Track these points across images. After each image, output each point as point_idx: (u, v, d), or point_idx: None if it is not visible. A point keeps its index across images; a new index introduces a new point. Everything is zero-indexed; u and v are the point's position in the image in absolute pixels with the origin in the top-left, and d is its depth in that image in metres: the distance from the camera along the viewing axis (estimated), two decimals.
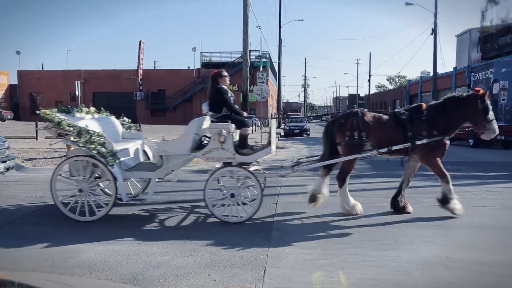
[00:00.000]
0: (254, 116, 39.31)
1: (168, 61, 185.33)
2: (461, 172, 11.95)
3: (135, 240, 5.57)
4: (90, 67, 60.35)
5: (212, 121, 6.79)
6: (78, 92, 19.33)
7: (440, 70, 35.55)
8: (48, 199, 7.84)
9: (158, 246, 5.30)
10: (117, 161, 6.54)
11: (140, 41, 50.95)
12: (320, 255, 5.04)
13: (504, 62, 28.21)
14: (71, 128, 6.55)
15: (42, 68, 56.95)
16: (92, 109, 7.52)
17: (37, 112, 6.86)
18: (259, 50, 49.65)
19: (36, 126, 21.10)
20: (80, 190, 6.52)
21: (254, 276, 4.41)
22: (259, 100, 24.48)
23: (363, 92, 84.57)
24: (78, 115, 7.12)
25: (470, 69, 33.32)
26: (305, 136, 31.96)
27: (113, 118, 7.94)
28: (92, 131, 6.62)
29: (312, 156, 8.11)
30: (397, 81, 77.43)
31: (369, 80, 68.77)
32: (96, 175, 6.70)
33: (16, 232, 5.91)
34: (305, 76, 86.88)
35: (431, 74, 36.22)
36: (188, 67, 53.79)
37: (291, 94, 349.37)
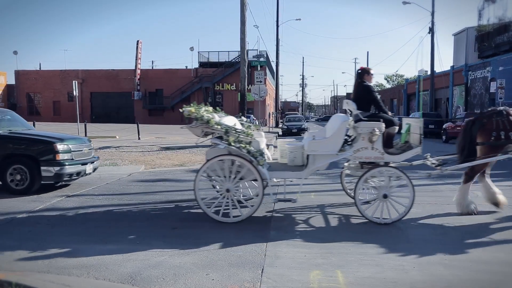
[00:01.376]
0: (252, 115, 39.34)
1: (166, 61, 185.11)
2: (459, 171, 11.94)
3: (133, 240, 5.57)
4: (87, 67, 60.21)
5: (358, 120, 6.54)
6: (75, 92, 19.31)
7: (437, 69, 35.64)
8: (46, 199, 7.84)
9: (156, 246, 5.30)
10: (265, 160, 6.37)
11: (137, 41, 50.93)
12: (318, 254, 5.04)
13: (501, 61, 28.27)
14: (219, 127, 6.37)
15: (40, 68, 56.90)
16: (210, 108, 7.00)
17: (181, 110, 6.60)
18: (257, 50, 49.79)
19: (34, 127, 21.06)
20: (228, 190, 6.34)
21: (252, 275, 4.42)
22: (257, 100, 24.52)
23: None
24: (216, 114, 6.77)
25: (468, 67, 33.36)
26: (302, 135, 31.98)
27: (233, 117, 7.59)
28: (239, 129, 6.48)
29: (448, 155, 7.80)
30: (394, 80, 77.48)
31: None
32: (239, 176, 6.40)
33: (14, 232, 5.90)
34: (302, 75, 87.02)
35: (429, 72, 36.27)
36: (186, 66, 53.81)
37: (289, 93, 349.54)
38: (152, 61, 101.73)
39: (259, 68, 40.86)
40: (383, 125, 6.41)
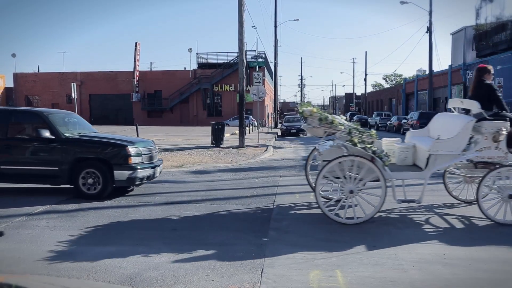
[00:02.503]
0: (251, 116, 39.35)
1: (164, 62, 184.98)
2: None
3: (132, 242, 5.57)
4: (86, 69, 60.12)
5: (481, 119, 6.37)
6: (74, 94, 19.31)
7: (435, 68, 35.74)
8: (45, 201, 7.84)
9: (155, 247, 5.30)
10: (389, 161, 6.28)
11: (136, 43, 50.98)
12: (317, 254, 5.05)
13: (499, 60, 28.33)
14: (342, 127, 6.30)
15: (38, 71, 56.84)
16: (315, 108, 6.73)
17: (300, 110, 6.49)
18: (255, 50, 49.82)
19: None
20: (351, 192, 6.25)
21: (251, 276, 4.42)
22: (256, 100, 24.51)
23: (359, 91, 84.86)
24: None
25: (466, 66, 33.43)
26: (301, 135, 31.99)
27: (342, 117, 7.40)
28: (361, 129, 6.38)
29: None
30: (393, 79, 77.56)
31: (365, 79, 68.92)
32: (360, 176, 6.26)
33: (13, 235, 5.89)
34: (301, 76, 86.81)
35: (427, 72, 36.32)
36: (184, 68, 53.83)
37: (288, 93, 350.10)
38: (151, 63, 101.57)
39: (257, 68, 40.83)
40: (508, 124, 6.30)
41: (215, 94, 50.21)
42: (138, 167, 8.27)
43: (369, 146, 6.20)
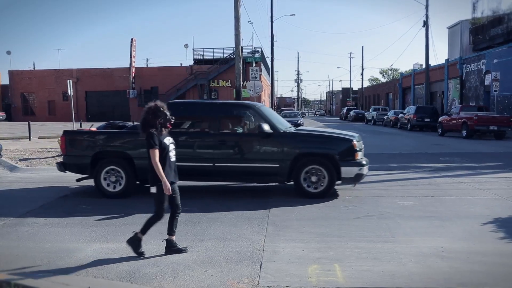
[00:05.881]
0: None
1: (161, 59, 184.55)
2: (455, 163, 12.04)
3: None
4: (82, 66, 59.90)
5: None
6: (70, 91, 19.24)
7: (432, 62, 35.65)
8: (43, 199, 7.81)
9: (154, 244, 5.30)
10: None
11: (131, 39, 50.71)
12: (315, 249, 5.06)
13: (496, 53, 28.33)
14: None
15: (34, 68, 56.59)
16: None
17: None
18: (252, 46, 49.62)
19: (29, 127, 21.00)
20: None
21: (250, 271, 4.43)
22: (252, 96, 24.46)
23: (356, 86, 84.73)
24: None
25: (462, 60, 33.42)
26: None
27: None
28: None
29: None
30: (390, 74, 77.56)
31: (362, 74, 68.85)
32: None
33: (11, 232, 5.88)
34: (298, 71, 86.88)
35: (424, 66, 36.31)
36: (181, 64, 53.68)
37: (285, 89, 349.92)
38: (147, 59, 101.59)
39: (254, 64, 40.72)
40: None
41: (212, 90, 50.09)
42: (364, 163, 7.74)
43: None
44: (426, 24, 33.25)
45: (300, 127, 8.53)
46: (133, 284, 4.16)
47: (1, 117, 46.01)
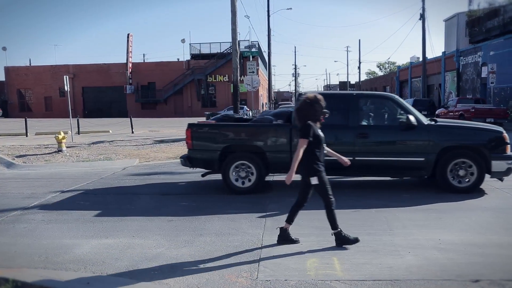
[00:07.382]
0: (245, 106, 39.27)
1: (157, 54, 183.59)
2: None
3: (129, 233, 5.57)
4: (78, 62, 59.62)
5: None
6: (67, 87, 19.12)
7: (429, 55, 35.68)
8: (41, 195, 7.81)
9: (152, 239, 5.31)
10: None
11: (128, 34, 50.53)
12: (314, 242, 5.08)
13: (492, 45, 28.33)
14: None
15: (30, 64, 56.31)
16: None
17: None
18: (249, 40, 49.57)
19: (26, 123, 20.93)
20: None
21: (249, 265, 4.44)
22: (250, 90, 24.42)
23: (353, 79, 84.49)
24: None
25: (459, 53, 33.43)
26: None
27: None
28: None
29: None
30: (387, 67, 77.50)
31: (359, 67, 68.71)
32: None
33: (9, 229, 5.88)
34: (295, 65, 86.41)
35: (421, 59, 36.29)
36: (178, 59, 53.53)
37: (282, 83, 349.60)
38: (144, 54, 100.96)
39: (251, 58, 40.61)
40: None
41: (209, 85, 50.02)
42: None
43: None
44: (422, 17, 33.19)
45: (439, 120, 8.29)
46: (132, 280, 4.16)
47: None
